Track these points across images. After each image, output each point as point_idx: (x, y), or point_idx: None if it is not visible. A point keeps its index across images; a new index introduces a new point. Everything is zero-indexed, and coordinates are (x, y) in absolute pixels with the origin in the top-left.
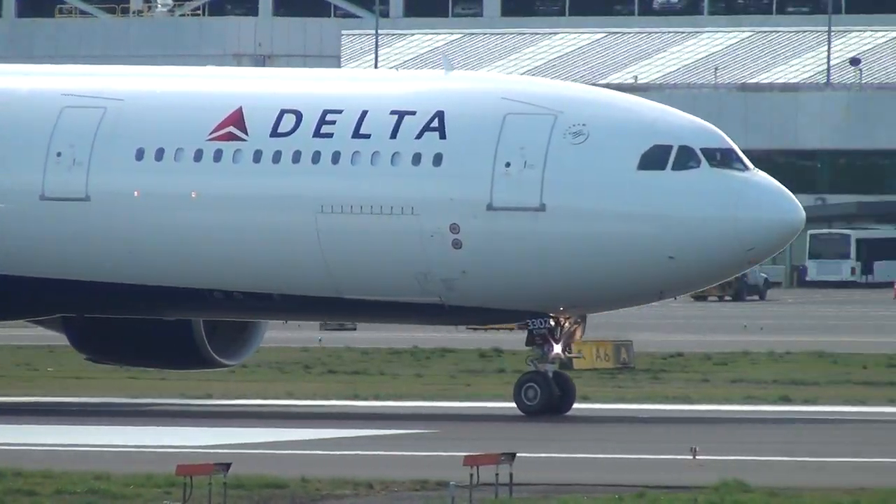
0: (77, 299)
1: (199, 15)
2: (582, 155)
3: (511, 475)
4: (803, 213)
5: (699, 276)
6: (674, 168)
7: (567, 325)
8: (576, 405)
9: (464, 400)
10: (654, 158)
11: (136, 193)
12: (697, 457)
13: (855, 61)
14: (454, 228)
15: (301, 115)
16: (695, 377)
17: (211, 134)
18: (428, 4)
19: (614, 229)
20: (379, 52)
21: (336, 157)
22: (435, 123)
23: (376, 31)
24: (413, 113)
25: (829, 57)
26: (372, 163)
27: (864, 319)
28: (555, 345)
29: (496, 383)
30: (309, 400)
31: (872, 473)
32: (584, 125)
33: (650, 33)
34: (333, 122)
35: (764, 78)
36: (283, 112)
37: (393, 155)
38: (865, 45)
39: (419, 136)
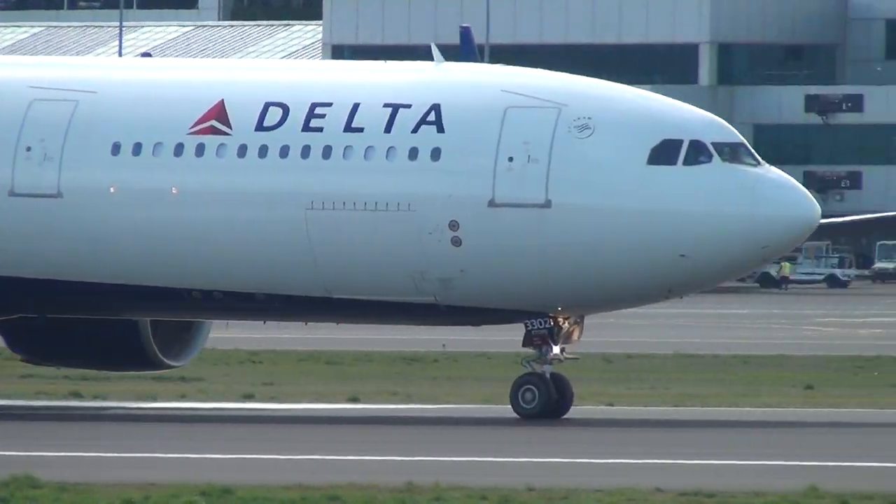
0: (45, 299)
1: None
2: (588, 149)
3: None
4: (819, 210)
5: (711, 274)
6: (685, 163)
7: (566, 325)
8: None
9: None
10: (665, 153)
11: (111, 189)
12: None
13: (146, 56)
14: (453, 225)
15: (288, 109)
16: None
17: (192, 128)
18: None
19: (624, 226)
20: None
21: (327, 152)
22: (432, 117)
23: None
24: (408, 106)
25: (120, 52)
26: (366, 157)
27: None
28: (553, 346)
29: None
30: None
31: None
32: (589, 118)
33: None
34: (323, 116)
35: None
36: (268, 105)
37: (388, 149)
38: (157, 39)
39: (415, 130)
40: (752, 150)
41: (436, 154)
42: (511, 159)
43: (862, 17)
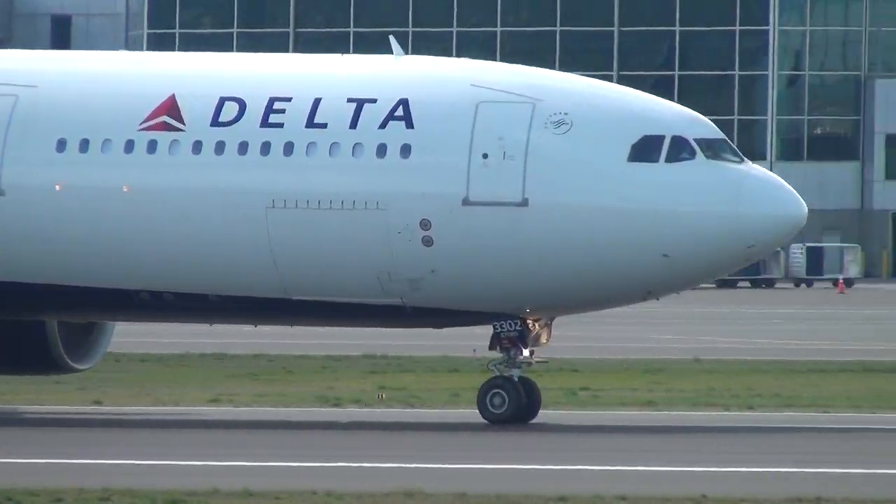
0: None
1: None
2: (566, 146)
3: None
4: (806, 208)
5: (695, 274)
6: (667, 160)
7: (536, 327)
8: None
9: None
10: (646, 149)
11: (57, 187)
12: None
13: None
14: (425, 224)
15: (244, 103)
16: None
17: (142, 123)
18: None
19: (604, 225)
20: None
21: (289, 149)
22: (400, 112)
23: None
24: (374, 101)
25: None
26: (331, 154)
27: None
28: (523, 348)
29: None
30: None
31: None
32: (565, 114)
33: None
34: (283, 111)
35: None
36: (223, 100)
37: (354, 146)
38: None
39: (383, 126)
40: (734, 147)
41: (405, 150)
42: (485, 156)
43: (28, 13)
